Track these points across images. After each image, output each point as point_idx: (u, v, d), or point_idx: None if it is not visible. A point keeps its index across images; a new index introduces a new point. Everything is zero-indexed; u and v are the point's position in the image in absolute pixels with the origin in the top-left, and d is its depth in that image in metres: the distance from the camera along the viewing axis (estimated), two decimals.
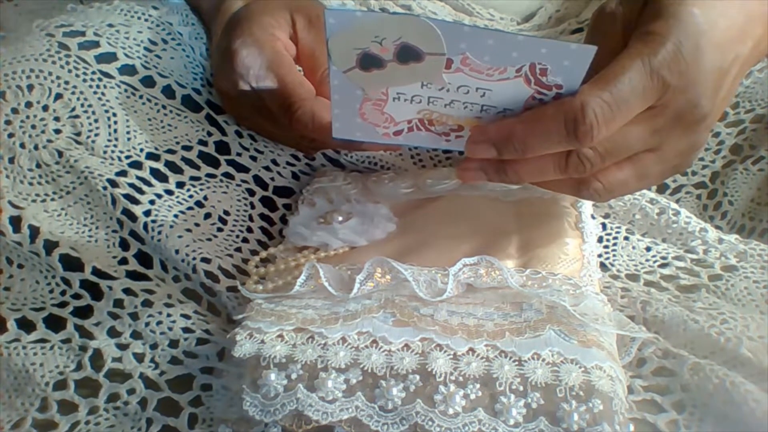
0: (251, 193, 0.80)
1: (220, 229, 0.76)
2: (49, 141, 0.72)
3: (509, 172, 0.62)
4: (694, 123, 0.60)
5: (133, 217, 0.71)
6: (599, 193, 0.62)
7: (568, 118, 0.55)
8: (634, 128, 0.59)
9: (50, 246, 0.68)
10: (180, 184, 0.77)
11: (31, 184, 0.72)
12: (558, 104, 0.57)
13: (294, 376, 0.54)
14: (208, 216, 0.76)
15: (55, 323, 0.67)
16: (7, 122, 0.71)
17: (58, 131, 0.73)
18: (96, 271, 0.69)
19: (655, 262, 0.75)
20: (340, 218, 0.72)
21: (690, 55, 0.57)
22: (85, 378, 0.65)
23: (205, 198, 0.77)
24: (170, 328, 0.66)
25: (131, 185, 0.73)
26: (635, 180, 0.62)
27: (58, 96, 0.74)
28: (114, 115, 0.76)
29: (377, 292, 0.61)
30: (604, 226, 0.78)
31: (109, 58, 0.77)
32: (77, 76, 0.74)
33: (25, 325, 0.67)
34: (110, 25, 0.78)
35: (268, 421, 0.54)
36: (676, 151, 0.62)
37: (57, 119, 0.73)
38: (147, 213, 0.72)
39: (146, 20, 0.80)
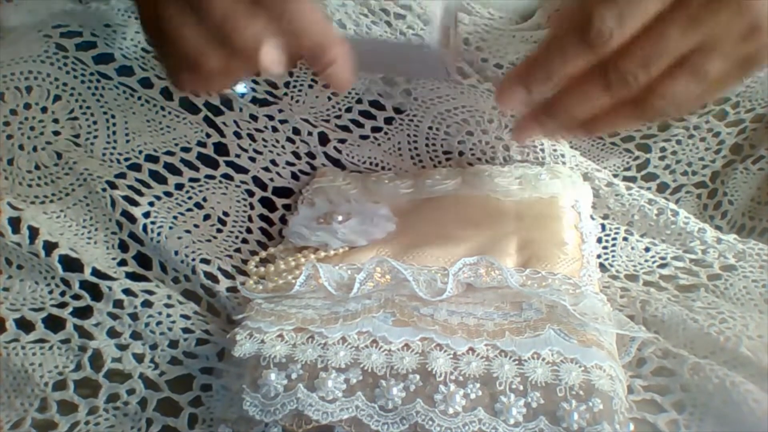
0: (250, 193, 0.80)
1: (219, 230, 0.76)
2: (48, 143, 0.72)
3: (558, 111, 0.59)
4: (738, 1, 0.53)
5: (132, 219, 0.71)
6: (665, 110, 0.57)
7: (575, 27, 0.53)
8: (667, 24, 0.54)
9: (50, 247, 0.68)
10: (179, 186, 0.77)
11: (30, 185, 0.72)
12: (564, 17, 0.55)
13: (294, 375, 0.54)
14: (207, 217, 0.76)
15: (54, 324, 0.67)
16: (6, 123, 0.71)
17: (57, 133, 0.73)
18: (96, 272, 0.69)
19: (654, 262, 0.75)
20: (340, 218, 0.72)
21: None
22: (84, 378, 0.65)
23: (204, 199, 0.77)
24: (170, 329, 0.66)
25: (130, 187, 0.73)
26: (697, 85, 0.56)
27: (57, 97, 0.74)
28: (113, 116, 0.76)
29: (377, 292, 0.62)
30: (603, 226, 0.78)
31: (107, 59, 0.77)
32: (75, 77, 0.74)
33: (24, 325, 0.67)
34: (107, 26, 0.78)
35: (268, 421, 0.54)
36: (732, 39, 0.55)
37: (56, 121, 0.73)
38: (146, 215, 0.72)
39: None
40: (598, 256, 0.75)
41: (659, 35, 0.53)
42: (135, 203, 0.72)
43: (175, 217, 0.74)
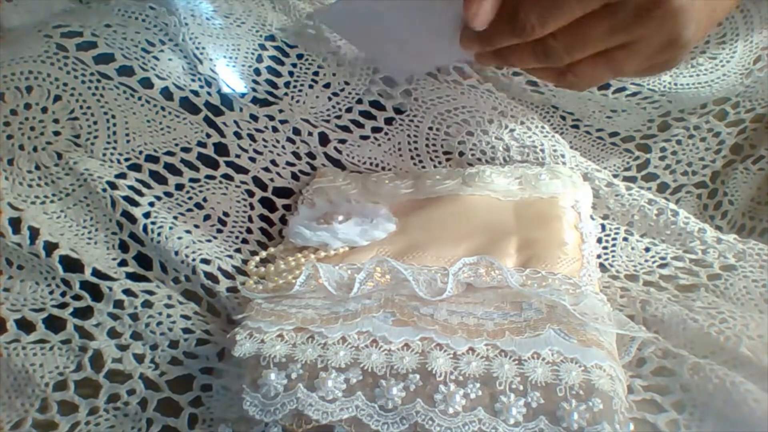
0: (250, 194, 0.80)
1: (219, 231, 0.76)
2: (48, 143, 0.72)
3: (500, 58, 0.66)
4: (665, 16, 0.58)
5: (132, 219, 0.72)
6: (574, 83, 0.65)
7: (507, 16, 0.59)
8: (594, 24, 0.58)
9: (50, 247, 0.69)
10: (179, 186, 0.77)
11: (30, 185, 0.72)
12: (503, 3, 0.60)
13: (294, 375, 0.54)
14: (207, 218, 0.77)
15: (55, 324, 0.67)
16: (6, 124, 0.71)
17: (57, 133, 0.73)
18: (96, 273, 0.69)
19: (654, 262, 0.75)
20: (340, 218, 0.72)
21: None
22: (85, 378, 0.65)
23: (205, 200, 0.77)
24: (170, 329, 0.66)
25: (130, 187, 0.73)
26: (610, 74, 0.64)
27: (57, 98, 0.74)
28: (113, 117, 0.76)
29: (377, 292, 0.62)
30: (603, 227, 0.78)
31: (107, 59, 0.77)
32: (76, 77, 0.74)
33: (25, 325, 0.67)
34: (108, 26, 0.78)
35: (268, 421, 0.54)
36: (652, 47, 0.60)
37: (56, 121, 0.73)
38: (146, 215, 0.72)
39: (143, 21, 0.80)
40: (598, 256, 0.75)
41: (585, 29, 0.59)
42: (135, 203, 0.72)
43: (175, 218, 0.74)
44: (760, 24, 0.83)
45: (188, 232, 0.73)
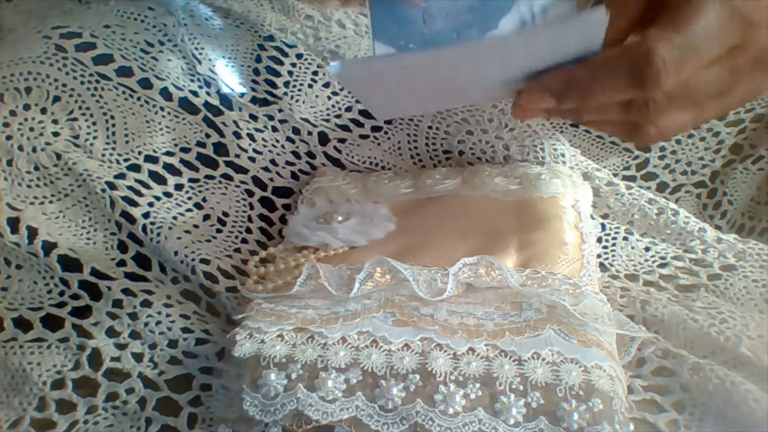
0: (250, 193, 0.80)
1: (219, 231, 0.76)
2: (48, 144, 0.72)
3: (570, 112, 0.60)
4: (743, 68, 0.56)
5: (131, 220, 0.72)
6: (652, 137, 0.59)
7: (633, 65, 0.53)
8: (712, 71, 0.55)
9: (49, 247, 0.69)
10: (178, 186, 0.77)
11: (29, 186, 0.72)
12: (623, 49, 0.54)
13: (294, 375, 0.54)
14: (206, 217, 0.76)
15: (52, 323, 0.67)
16: (5, 124, 0.71)
17: (56, 134, 0.73)
18: (95, 272, 0.69)
19: (654, 262, 0.75)
20: (340, 218, 0.72)
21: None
22: (83, 377, 0.65)
23: (204, 200, 0.77)
24: (169, 328, 0.66)
25: (130, 188, 0.73)
26: (692, 122, 0.59)
27: (56, 98, 0.73)
28: (112, 117, 0.76)
29: (377, 292, 0.61)
30: (603, 226, 0.78)
31: (106, 59, 0.77)
32: (75, 78, 0.74)
33: (23, 324, 0.67)
34: (106, 27, 0.78)
35: (268, 421, 0.54)
36: (741, 96, 0.58)
37: (55, 122, 0.73)
38: (146, 215, 0.72)
39: (142, 21, 0.80)
40: (598, 256, 0.75)
41: (700, 77, 0.55)
42: (134, 204, 0.72)
43: (174, 218, 0.74)
44: None
45: (187, 232, 0.73)
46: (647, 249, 0.76)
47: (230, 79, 0.82)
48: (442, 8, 0.64)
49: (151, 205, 0.73)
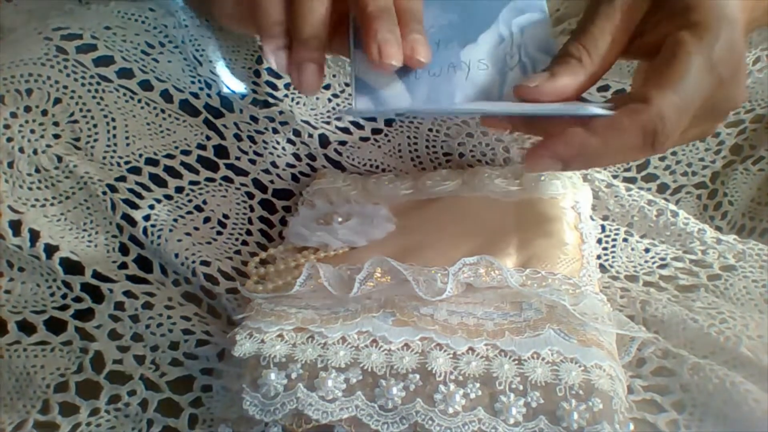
0: (250, 196, 0.80)
1: (219, 233, 0.76)
2: (48, 146, 0.72)
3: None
4: (723, 114, 0.60)
5: (132, 222, 0.72)
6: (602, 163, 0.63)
7: (647, 131, 0.54)
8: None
9: (50, 250, 0.69)
10: (179, 189, 0.77)
11: (30, 188, 0.71)
12: (632, 115, 0.54)
13: (294, 375, 0.54)
14: (207, 220, 0.76)
15: (55, 326, 0.67)
16: (6, 126, 0.71)
17: (57, 136, 0.73)
18: (96, 275, 0.69)
19: (654, 263, 0.75)
20: (340, 219, 0.72)
21: (736, 45, 0.56)
22: (86, 380, 0.65)
23: (205, 202, 0.77)
24: (170, 330, 0.66)
25: (130, 190, 0.73)
26: (624, 161, 0.65)
27: (57, 100, 0.73)
28: (113, 119, 0.75)
29: (377, 292, 0.62)
30: (603, 227, 0.78)
31: (107, 61, 0.76)
32: (76, 80, 0.74)
33: (26, 327, 0.67)
34: (107, 28, 0.78)
35: (268, 421, 0.54)
36: (691, 136, 0.61)
37: (56, 124, 0.73)
38: (146, 218, 0.72)
39: (143, 23, 0.80)
40: (598, 257, 0.75)
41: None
42: (135, 206, 0.72)
43: (175, 220, 0.74)
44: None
45: (188, 234, 0.73)
46: (647, 250, 0.76)
47: (231, 80, 0.82)
48: (425, 24, 0.65)
49: (151, 207, 0.73)
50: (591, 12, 0.61)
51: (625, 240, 0.77)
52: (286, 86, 0.83)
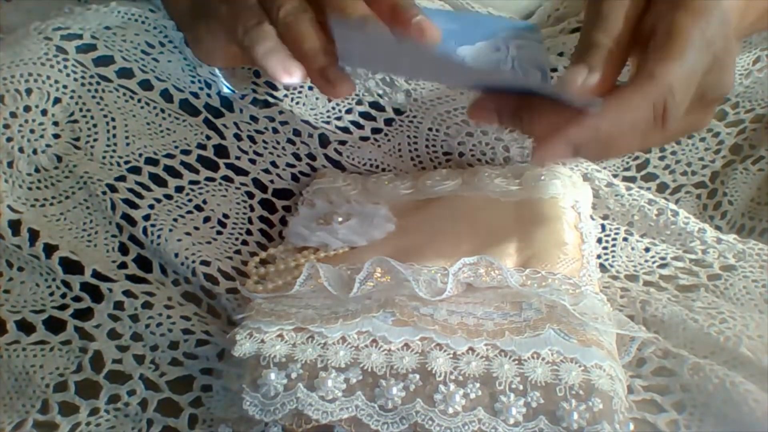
0: (250, 195, 0.80)
1: (219, 233, 0.76)
2: (48, 146, 0.72)
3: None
4: (712, 102, 0.60)
5: (132, 222, 0.71)
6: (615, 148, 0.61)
7: (657, 104, 0.54)
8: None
9: (50, 249, 0.68)
10: (179, 189, 0.77)
11: (30, 188, 0.71)
12: (641, 89, 0.55)
13: (294, 375, 0.54)
14: (207, 219, 0.76)
15: (54, 325, 0.67)
16: (6, 126, 0.71)
17: (57, 136, 0.73)
18: (96, 274, 0.69)
19: (654, 262, 0.75)
20: (340, 219, 0.72)
21: (727, 25, 0.56)
22: (85, 379, 0.65)
23: (204, 202, 0.77)
24: (170, 330, 0.66)
25: (130, 190, 0.73)
26: (636, 147, 0.65)
27: (57, 100, 0.73)
28: (113, 119, 0.75)
29: (377, 292, 0.61)
30: (603, 227, 0.78)
31: (107, 61, 0.76)
32: (75, 80, 0.74)
33: (25, 327, 0.67)
34: (107, 28, 0.78)
35: (268, 421, 0.54)
36: (680, 130, 0.61)
37: (56, 124, 0.73)
38: (146, 217, 0.72)
39: (143, 23, 0.80)
40: (598, 257, 0.75)
41: None
42: (135, 206, 0.72)
43: (175, 220, 0.74)
44: None
45: (188, 234, 0.73)
46: (647, 249, 0.76)
47: (231, 80, 0.82)
48: None
49: (151, 207, 0.73)
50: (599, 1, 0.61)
51: (625, 239, 0.77)
52: (286, 86, 0.83)
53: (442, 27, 0.64)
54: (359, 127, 0.84)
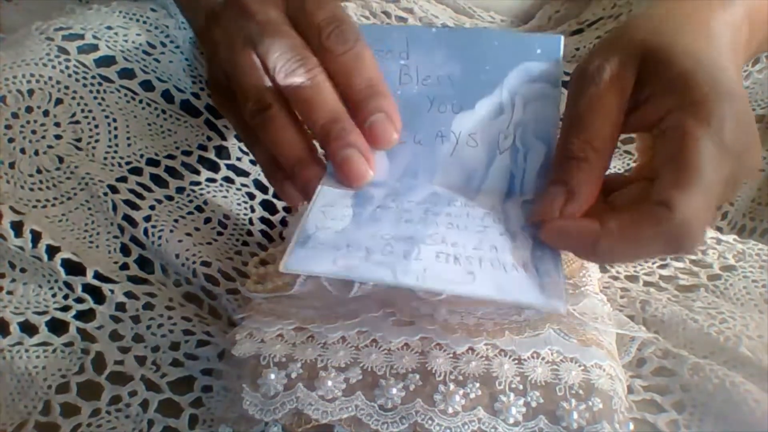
0: (251, 196, 0.80)
1: (220, 233, 0.76)
2: (50, 147, 0.72)
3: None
4: (741, 183, 0.58)
5: (133, 223, 0.72)
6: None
7: (670, 239, 0.49)
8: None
9: (52, 251, 0.68)
10: (180, 190, 0.77)
11: (31, 189, 0.71)
12: (656, 225, 0.50)
13: (294, 375, 0.54)
14: (208, 220, 0.76)
15: (57, 327, 0.67)
16: (8, 127, 0.71)
17: (58, 137, 0.73)
18: (98, 276, 0.69)
19: (654, 263, 0.75)
20: None
21: (744, 118, 0.52)
22: (87, 381, 0.65)
23: (205, 203, 0.77)
24: (171, 331, 0.66)
25: (131, 191, 0.73)
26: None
27: (59, 101, 0.73)
28: (114, 120, 0.76)
29: (377, 292, 0.61)
30: None
31: (108, 61, 0.77)
32: (77, 80, 0.74)
33: (28, 328, 0.67)
34: (109, 28, 0.78)
35: (268, 420, 0.54)
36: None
37: (57, 124, 0.73)
38: (147, 218, 0.72)
39: (144, 23, 0.80)
40: None
41: None
42: (136, 207, 0.72)
43: (176, 221, 0.74)
44: None
45: (189, 234, 0.73)
46: None
47: None
48: (421, 69, 0.63)
49: (152, 208, 0.73)
50: (577, 98, 0.57)
51: None
52: None
53: (440, 71, 0.63)
54: None
